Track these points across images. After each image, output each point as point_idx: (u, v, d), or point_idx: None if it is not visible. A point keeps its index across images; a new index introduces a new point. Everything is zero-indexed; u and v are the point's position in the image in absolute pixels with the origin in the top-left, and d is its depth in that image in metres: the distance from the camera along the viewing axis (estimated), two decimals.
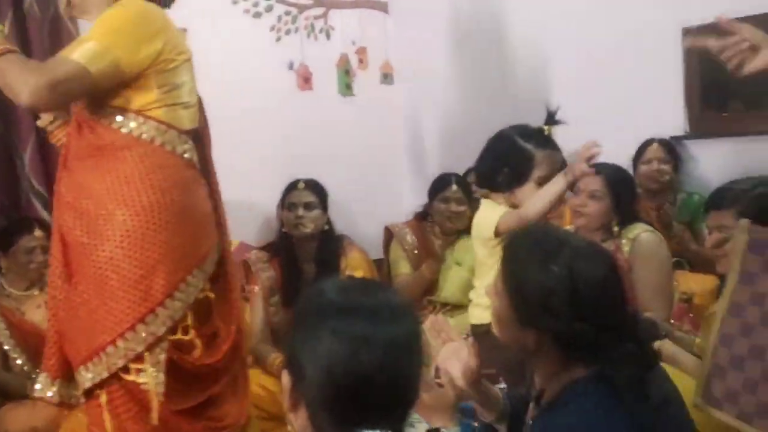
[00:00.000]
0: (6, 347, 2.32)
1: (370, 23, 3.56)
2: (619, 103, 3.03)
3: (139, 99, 1.61)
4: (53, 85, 1.45)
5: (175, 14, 1.79)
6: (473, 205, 2.94)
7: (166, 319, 1.56)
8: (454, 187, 2.87)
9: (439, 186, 2.93)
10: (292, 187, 2.70)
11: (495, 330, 1.26)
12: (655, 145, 2.87)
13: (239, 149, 3.19)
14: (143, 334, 1.54)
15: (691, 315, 2.13)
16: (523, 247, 1.22)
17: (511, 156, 1.99)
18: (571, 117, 3.24)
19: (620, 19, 2.99)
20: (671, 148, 2.87)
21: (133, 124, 1.61)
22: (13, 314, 2.38)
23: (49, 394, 1.63)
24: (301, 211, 2.60)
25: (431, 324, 1.37)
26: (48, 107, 1.70)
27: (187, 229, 1.63)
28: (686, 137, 2.92)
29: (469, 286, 2.75)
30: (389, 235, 3.04)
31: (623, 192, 2.22)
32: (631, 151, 2.93)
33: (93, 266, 1.55)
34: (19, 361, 2.33)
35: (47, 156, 2.60)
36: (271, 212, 3.00)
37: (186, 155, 1.70)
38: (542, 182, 1.94)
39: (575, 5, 3.13)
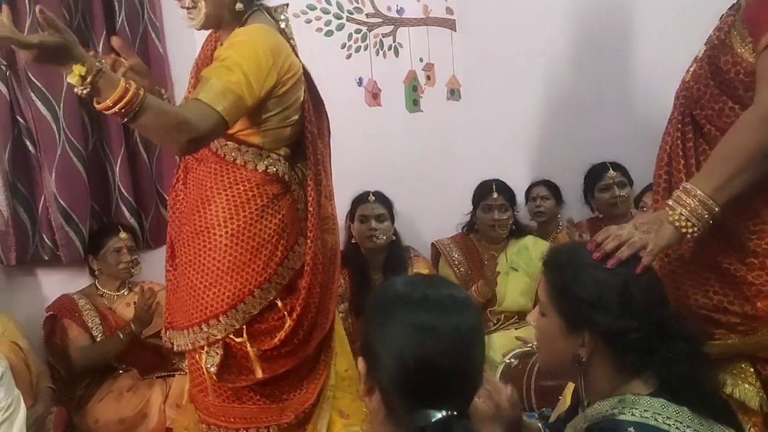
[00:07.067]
0: (98, 338, 2.55)
1: (437, 40, 3.64)
2: None
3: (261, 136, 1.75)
4: (198, 141, 1.58)
5: None
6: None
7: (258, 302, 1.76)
8: (495, 194, 2.83)
9: (481, 194, 2.88)
10: (362, 199, 2.76)
11: (541, 355, 1.27)
12: None
13: None
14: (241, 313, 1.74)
15: None
16: (568, 255, 1.25)
17: None
18: None
19: None
20: None
21: (265, 163, 1.77)
22: (106, 311, 2.62)
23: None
24: (374, 223, 2.68)
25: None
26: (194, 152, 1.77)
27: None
28: None
29: (531, 290, 2.71)
30: (436, 251, 3.00)
31: None
32: None
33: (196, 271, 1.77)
34: None
35: (135, 168, 2.81)
36: (339, 223, 3.08)
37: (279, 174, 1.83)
38: None
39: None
